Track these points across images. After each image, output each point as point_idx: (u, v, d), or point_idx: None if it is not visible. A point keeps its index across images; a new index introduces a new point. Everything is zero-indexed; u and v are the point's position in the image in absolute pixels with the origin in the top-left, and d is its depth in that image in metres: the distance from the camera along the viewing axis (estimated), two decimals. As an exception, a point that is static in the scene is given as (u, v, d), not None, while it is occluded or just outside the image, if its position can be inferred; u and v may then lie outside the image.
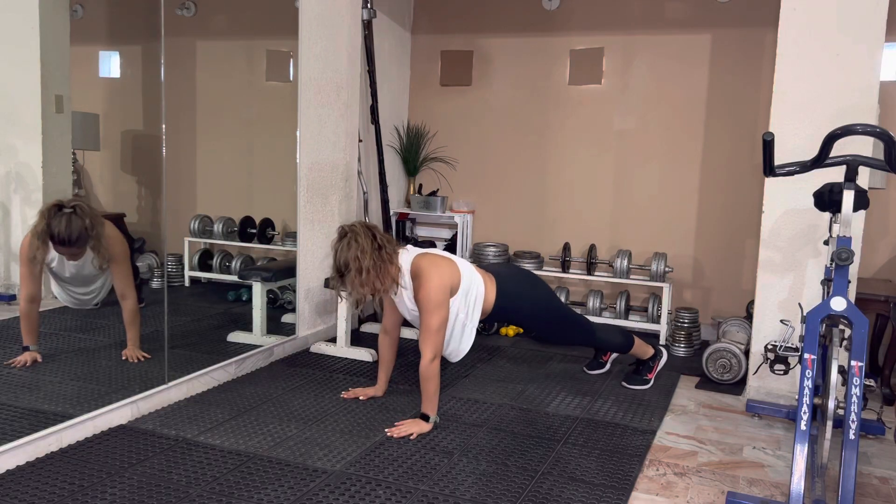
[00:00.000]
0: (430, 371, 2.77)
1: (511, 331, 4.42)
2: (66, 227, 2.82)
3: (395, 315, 3.11)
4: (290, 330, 3.93)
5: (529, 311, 3.17)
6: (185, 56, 3.99)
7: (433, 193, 5.04)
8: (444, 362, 3.72)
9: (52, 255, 2.93)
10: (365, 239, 2.76)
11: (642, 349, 3.49)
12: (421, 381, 2.80)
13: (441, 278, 2.80)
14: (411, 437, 2.73)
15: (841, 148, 2.61)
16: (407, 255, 2.90)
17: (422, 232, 5.18)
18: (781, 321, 2.92)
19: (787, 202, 3.20)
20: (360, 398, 3.16)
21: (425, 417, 2.82)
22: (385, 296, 2.96)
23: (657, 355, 3.53)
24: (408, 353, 3.88)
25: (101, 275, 3.12)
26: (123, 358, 3.16)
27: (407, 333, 4.23)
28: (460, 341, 3.01)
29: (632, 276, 4.50)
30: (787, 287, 3.24)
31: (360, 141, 4.38)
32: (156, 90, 3.14)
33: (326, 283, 3.95)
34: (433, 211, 4.90)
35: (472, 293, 2.95)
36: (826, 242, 2.91)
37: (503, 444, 2.73)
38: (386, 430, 2.78)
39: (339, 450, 2.62)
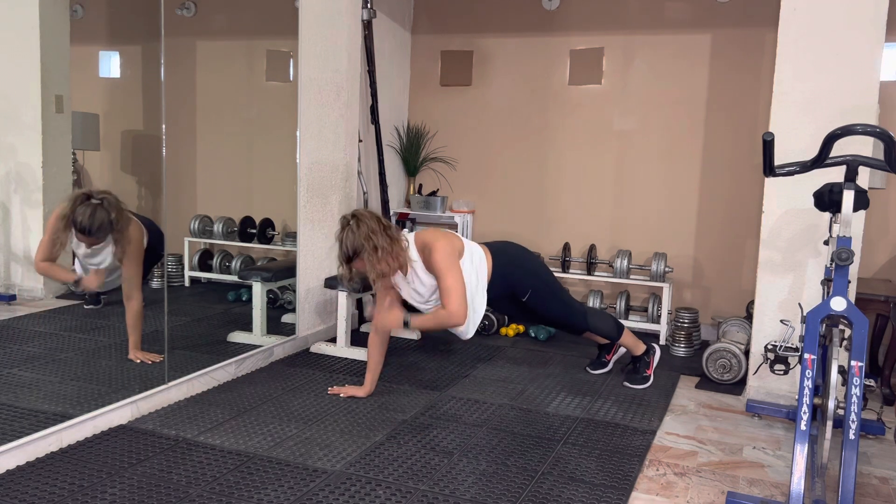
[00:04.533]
0: (443, 315, 2.92)
1: (511, 331, 4.43)
2: (89, 216, 2.88)
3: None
4: (290, 330, 3.93)
5: (524, 282, 3.28)
6: (185, 56, 3.99)
7: (433, 193, 5.04)
8: (447, 362, 3.72)
9: (71, 238, 2.98)
10: (371, 220, 2.90)
11: (633, 341, 3.52)
12: (430, 314, 2.97)
13: (448, 242, 2.99)
14: (369, 318, 2.88)
15: (841, 148, 2.61)
16: (408, 236, 3.06)
17: (422, 232, 5.18)
18: (781, 321, 2.92)
19: (787, 202, 3.20)
20: (341, 395, 3.18)
21: (407, 315, 2.98)
22: (385, 287, 3.05)
23: (650, 350, 3.54)
24: (406, 354, 3.88)
25: (114, 269, 3.15)
26: (137, 361, 3.16)
27: (406, 334, 4.23)
28: (472, 305, 3.07)
29: (632, 276, 4.50)
30: (787, 287, 3.24)
31: (360, 141, 4.38)
32: (156, 90, 3.14)
33: (326, 283, 3.95)
34: (433, 211, 4.90)
35: (476, 258, 3.10)
36: (826, 242, 2.91)
37: (503, 444, 2.73)
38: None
39: (339, 450, 2.62)
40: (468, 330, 3.08)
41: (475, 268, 3.09)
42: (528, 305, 3.31)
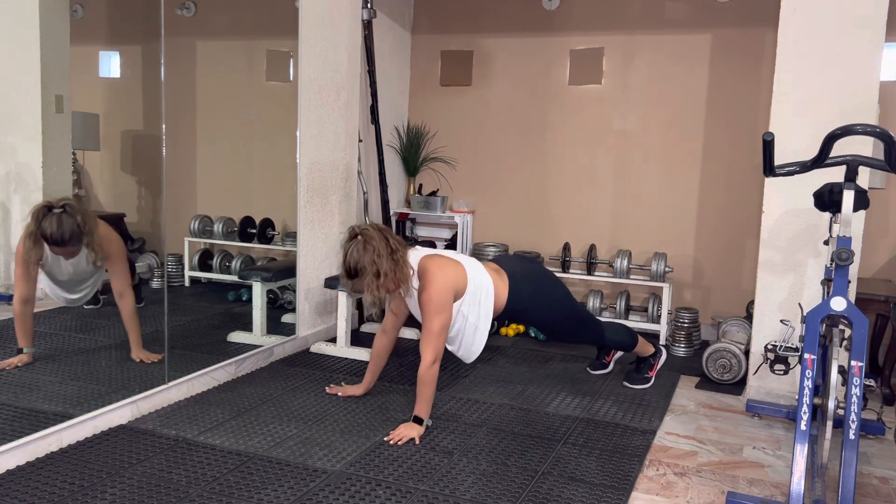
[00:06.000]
0: (429, 375, 2.76)
1: (511, 331, 4.42)
2: (57, 227, 2.79)
3: (398, 317, 3.10)
4: (290, 330, 3.93)
5: (543, 314, 3.12)
6: (185, 56, 3.99)
7: (433, 193, 5.04)
8: (447, 363, 3.72)
9: (45, 255, 2.92)
10: (379, 242, 2.74)
11: (644, 347, 3.49)
12: (418, 384, 2.78)
13: (445, 281, 2.78)
14: (415, 443, 2.71)
15: (841, 148, 2.61)
16: (415, 255, 2.88)
17: (422, 232, 5.18)
18: (781, 321, 2.92)
19: (787, 202, 3.20)
20: (339, 395, 3.18)
21: (418, 421, 2.79)
22: (397, 297, 2.96)
23: (657, 353, 3.53)
24: (408, 354, 3.88)
25: (94, 273, 3.10)
26: (138, 361, 3.14)
27: (407, 334, 4.23)
28: (472, 342, 2.98)
29: (632, 276, 4.50)
30: (787, 287, 3.24)
31: (360, 141, 4.38)
32: (156, 90, 3.14)
33: (326, 283, 3.95)
34: (433, 211, 4.90)
35: (481, 295, 2.91)
36: (826, 242, 2.91)
37: (503, 444, 2.73)
38: (385, 438, 2.74)
39: (339, 450, 2.62)
40: (469, 359, 3.06)
41: (478, 307, 2.92)
42: (545, 332, 3.32)
